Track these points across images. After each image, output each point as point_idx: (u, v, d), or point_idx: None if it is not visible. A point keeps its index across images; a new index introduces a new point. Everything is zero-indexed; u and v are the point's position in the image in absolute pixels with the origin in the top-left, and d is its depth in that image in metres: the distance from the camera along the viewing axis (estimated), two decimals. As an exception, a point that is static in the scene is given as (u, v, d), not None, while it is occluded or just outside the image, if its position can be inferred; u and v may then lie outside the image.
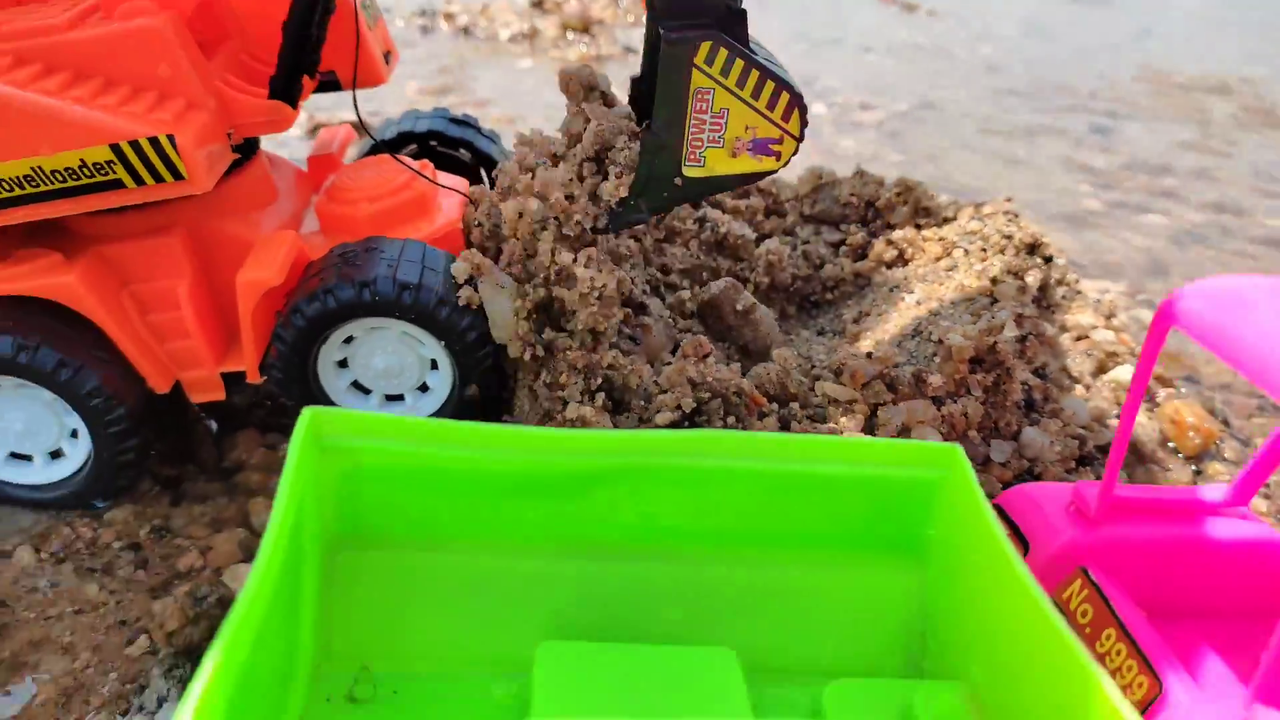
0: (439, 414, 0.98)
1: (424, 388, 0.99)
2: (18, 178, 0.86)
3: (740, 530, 0.72)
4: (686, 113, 0.86)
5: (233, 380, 1.02)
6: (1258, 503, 1.13)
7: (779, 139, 0.88)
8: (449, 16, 3.15)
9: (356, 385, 1.00)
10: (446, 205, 1.10)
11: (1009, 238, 1.19)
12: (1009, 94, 2.78)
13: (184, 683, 0.79)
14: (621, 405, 0.96)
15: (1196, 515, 0.71)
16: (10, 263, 0.93)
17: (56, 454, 0.99)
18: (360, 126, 1.17)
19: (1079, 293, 1.37)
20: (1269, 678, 0.53)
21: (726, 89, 0.85)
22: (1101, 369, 1.30)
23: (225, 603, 0.83)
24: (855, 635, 0.72)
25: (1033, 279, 1.16)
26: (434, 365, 0.98)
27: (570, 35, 3.02)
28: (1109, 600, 0.65)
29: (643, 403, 0.96)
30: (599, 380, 0.93)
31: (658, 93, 0.86)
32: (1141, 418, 1.22)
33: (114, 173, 0.87)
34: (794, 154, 0.90)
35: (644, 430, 0.70)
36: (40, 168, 0.86)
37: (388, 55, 1.18)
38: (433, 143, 1.27)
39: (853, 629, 0.72)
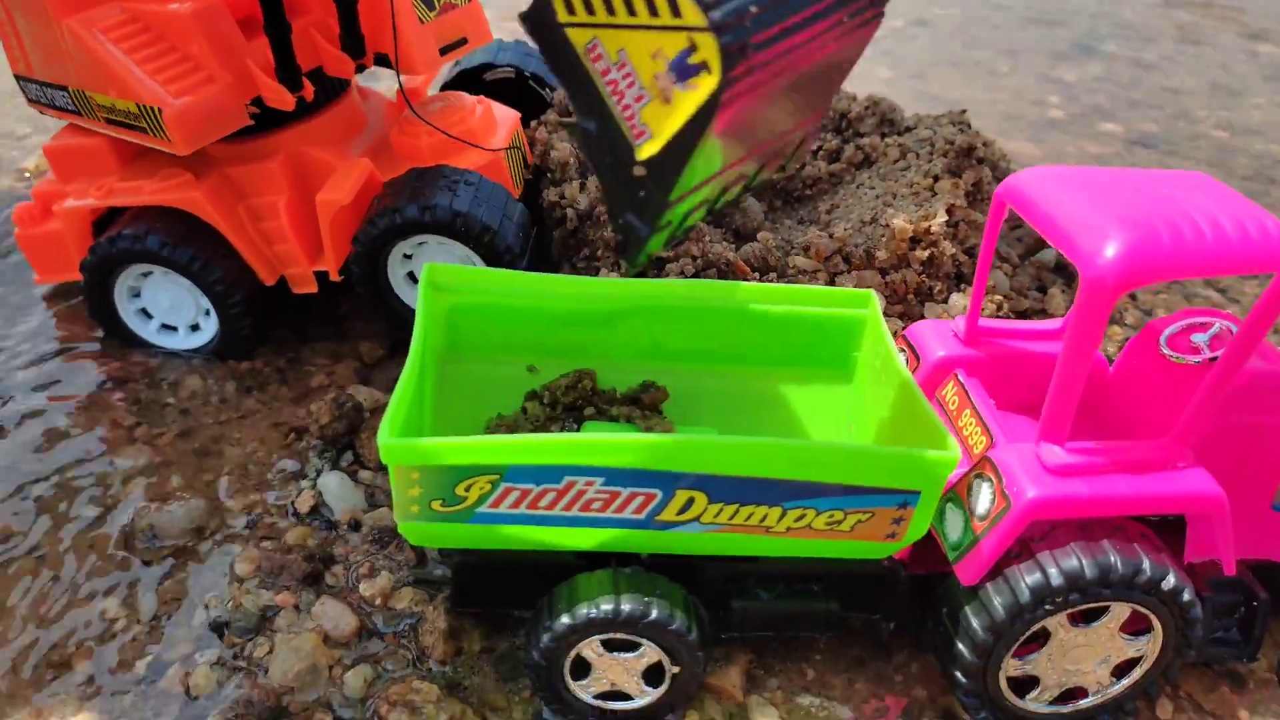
0: None
1: None
2: (108, 105, 1.13)
3: (722, 351, 1.04)
4: (599, 88, 0.64)
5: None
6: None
7: (691, 45, 0.59)
8: None
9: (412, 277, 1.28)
10: (495, 138, 1.34)
11: (951, 143, 1.47)
12: (1001, 10, 2.99)
13: (333, 462, 1.13)
14: (640, 273, 1.26)
15: (1040, 339, 1.02)
16: (157, 179, 1.21)
17: (195, 327, 1.29)
18: (403, 95, 1.30)
19: (1019, 191, 1.66)
20: (1049, 422, 0.84)
21: (607, 26, 0.62)
22: (1030, 253, 1.59)
23: (358, 407, 1.16)
24: (802, 428, 1.04)
25: (968, 176, 1.44)
26: None
27: None
28: (968, 390, 0.96)
29: (655, 271, 1.27)
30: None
31: (559, 81, 0.66)
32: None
33: (139, 123, 1.13)
34: (723, 57, 0.59)
35: (654, 279, 1.01)
36: (115, 105, 1.13)
37: (459, 43, 1.33)
38: (485, 76, 1.55)
39: (801, 423, 1.04)
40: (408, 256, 1.26)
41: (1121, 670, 0.90)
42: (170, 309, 1.27)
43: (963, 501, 0.88)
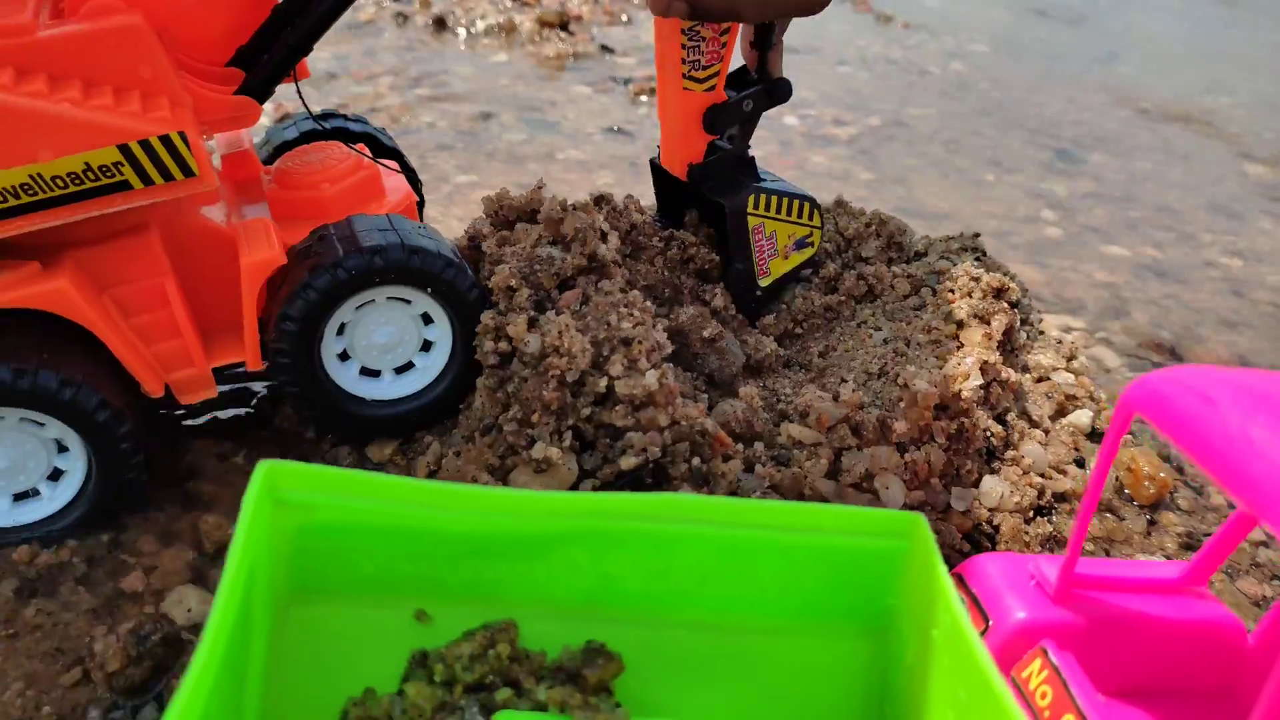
0: (448, 367, 1.04)
1: (426, 346, 1.04)
2: (13, 187, 0.82)
3: (699, 594, 0.71)
4: (751, 247, 1.21)
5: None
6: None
7: (809, 233, 1.25)
8: (425, 4, 3.10)
9: (364, 371, 1.04)
10: (390, 183, 1.16)
11: (976, 279, 1.19)
12: (979, 115, 2.80)
13: (125, 724, 0.77)
14: (587, 443, 0.95)
15: (1154, 594, 0.72)
16: None
17: (27, 494, 0.95)
18: (315, 118, 1.22)
19: (1042, 333, 1.38)
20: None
21: (770, 218, 1.21)
22: (1061, 412, 1.31)
23: (169, 640, 0.80)
24: (813, 705, 0.71)
25: (998, 323, 1.16)
26: (428, 320, 1.02)
27: (547, 32, 2.98)
28: (1068, 683, 0.65)
29: (608, 440, 0.94)
30: (569, 422, 0.91)
31: (730, 240, 1.20)
32: (1098, 464, 1.23)
33: (121, 174, 0.84)
34: (823, 237, 1.28)
35: (603, 493, 0.68)
36: (40, 175, 0.82)
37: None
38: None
39: (811, 698, 0.72)
40: (339, 334, 1.00)
41: None
42: (9, 470, 0.92)
43: None
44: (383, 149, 1.29)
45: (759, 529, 0.71)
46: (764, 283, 1.24)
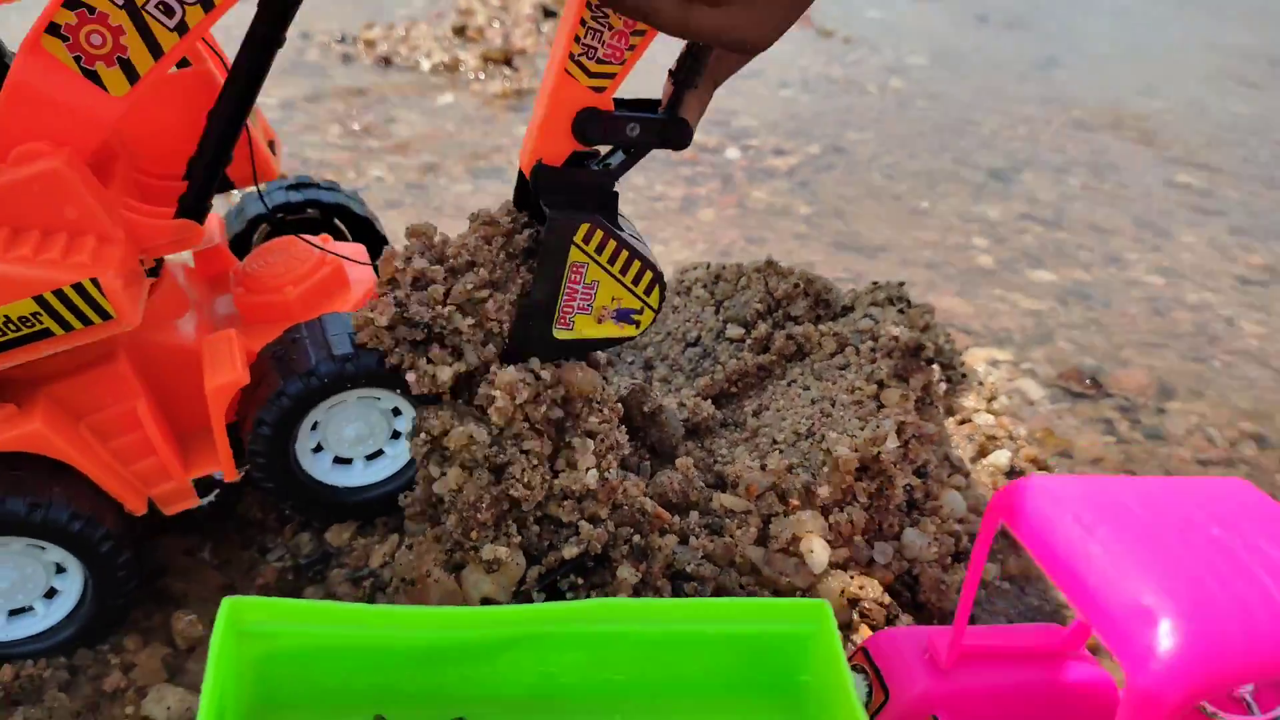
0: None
1: (395, 435, 1.11)
2: None
3: (633, 684, 0.79)
4: (562, 283, 0.96)
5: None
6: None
7: (639, 310, 0.99)
8: (369, 44, 3.14)
9: (338, 460, 1.10)
10: (356, 273, 1.19)
11: (896, 339, 1.28)
12: (916, 136, 2.89)
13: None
14: (532, 533, 1.01)
15: (1037, 659, 0.80)
16: None
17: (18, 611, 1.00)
18: (270, 218, 1.26)
19: (964, 375, 1.47)
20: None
21: (599, 265, 0.95)
22: (982, 453, 1.40)
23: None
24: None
25: (916, 382, 1.25)
26: (397, 412, 1.09)
27: (491, 67, 3.04)
28: (955, 752, 0.74)
29: (553, 528, 1.02)
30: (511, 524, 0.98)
31: (539, 262, 0.95)
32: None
33: (40, 323, 0.88)
34: (651, 323, 1.01)
35: (542, 604, 0.76)
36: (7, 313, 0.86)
37: (272, 144, 1.22)
38: (279, 214, 1.33)
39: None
40: (313, 429, 1.07)
41: None
42: (11, 590, 0.98)
43: None
44: (355, 218, 1.34)
45: (683, 624, 0.79)
46: (560, 334, 0.99)
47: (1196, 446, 1.62)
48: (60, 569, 0.98)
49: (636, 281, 0.98)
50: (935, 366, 1.30)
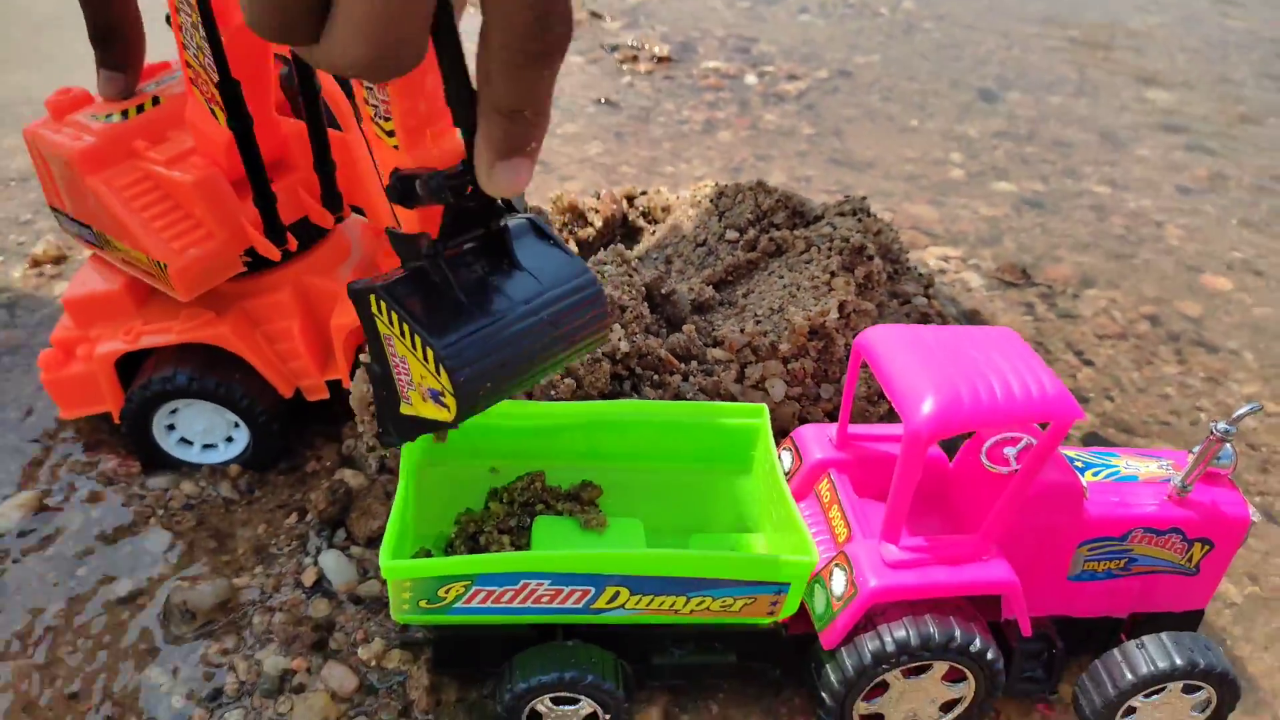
0: None
1: None
2: (126, 250, 1.30)
3: (646, 453, 1.30)
4: (385, 356, 0.86)
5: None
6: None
7: (441, 392, 0.83)
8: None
9: None
10: None
11: (846, 240, 1.74)
12: (918, 58, 3.26)
13: (329, 541, 1.37)
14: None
15: (891, 441, 1.29)
16: (182, 320, 1.38)
17: (230, 439, 1.48)
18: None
19: (910, 268, 1.93)
20: (887, 525, 1.11)
21: (397, 339, 0.83)
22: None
23: (350, 492, 1.40)
24: (709, 510, 1.30)
25: (859, 272, 1.71)
26: None
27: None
28: (836, 488, 1.23)
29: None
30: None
31: (366, 334, 0.87)
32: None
33: (153, 272, 1.31)
34: (457, 412, 0.83)
35: (591, 402, 1.27)
36: (130, 252, 1.30)
37: None
38: None
39: (708, 506, 1.31)
40: None
41: (948, 706, 1.19)
42: (205, 431, 1.47)
43: (826, 584, 1.15)
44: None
45: (678, 416, 1.29)
46: (404, 410, 0.89)
47: (1099, 324, 2.06)
48: (236, 424, 1.47)
49: (425, 359, 0.81)
50: (876, 260, 1.76)
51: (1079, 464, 1.25)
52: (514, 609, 1.08)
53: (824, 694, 1.14)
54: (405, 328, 0.81)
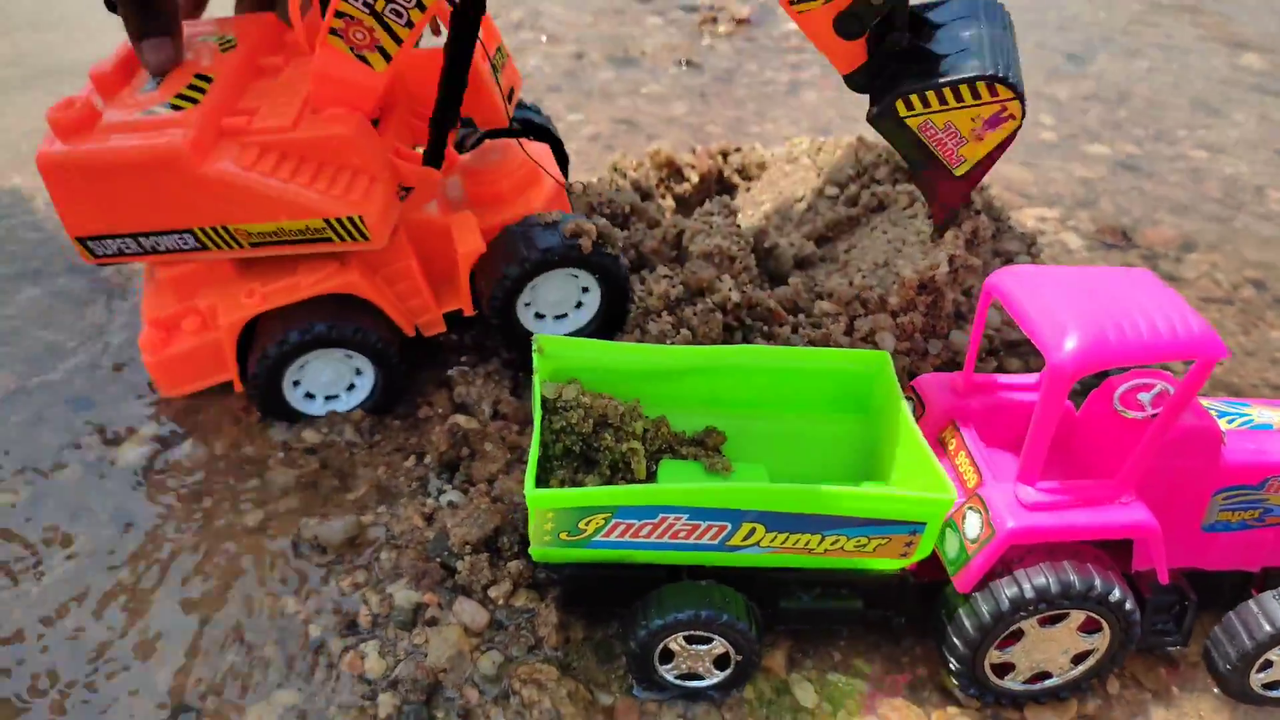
0: (591, 322, 1.53)
1: (579, 305, 1.54)
2: (267, 232, 1.29)
3: (764, 400, 1.29)
4: (927, 146, 1.19)
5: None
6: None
7: (1000, 109, 1.15)
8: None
9: (537, 315, 1.54)
10: (544, 172, 1.58)
11: (954, 197, 1.71)
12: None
13: (450, 481, 1.39)
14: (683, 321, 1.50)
15: (1023, 389, 1.28)
16: (306, 273, 1.37)
17: (351, 388, 1.49)
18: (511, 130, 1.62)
19: (1010, 227, 1.90)
20: (1024, 467, 1.10)
21: (938, 113, 1.15)
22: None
23: (467, 435, 1.41)
24: (832, 457, 1.30)
25: (966, 227, 1.69)
26: (585, 290, 1.52)
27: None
28: (963, 436, 1.22)
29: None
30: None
31: (899, 149, 1.22)
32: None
33: (326, 234, 1.30)
34: (1023, 111, 1.17)
35: (712, 346, 1.27)
36: (283, 228, 1.29)
37: (511, 92, 1.59)
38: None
39: (831, 453, 1.30)
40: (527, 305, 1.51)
41: (1079, 658, 1.18)
42: (330, 383, 1.46)
43: (959, 527, 1.14)
44: (537, 127, 1.75)
45: (798, 362, 1.28)
46: (959, 172, 1.20)
47: (1203, 288, 2.02)
48: (358, 372, 1.46)
49: (976, 96, 1.12)
50: (983, 217, 1.73)
51: (1213, 413, 1.23)
52: (651, 543, 1.09)
53: (956, 640, 1.14)
54: (946, 93, 1.13)
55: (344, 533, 1.29)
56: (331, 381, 1.47)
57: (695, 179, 2.00)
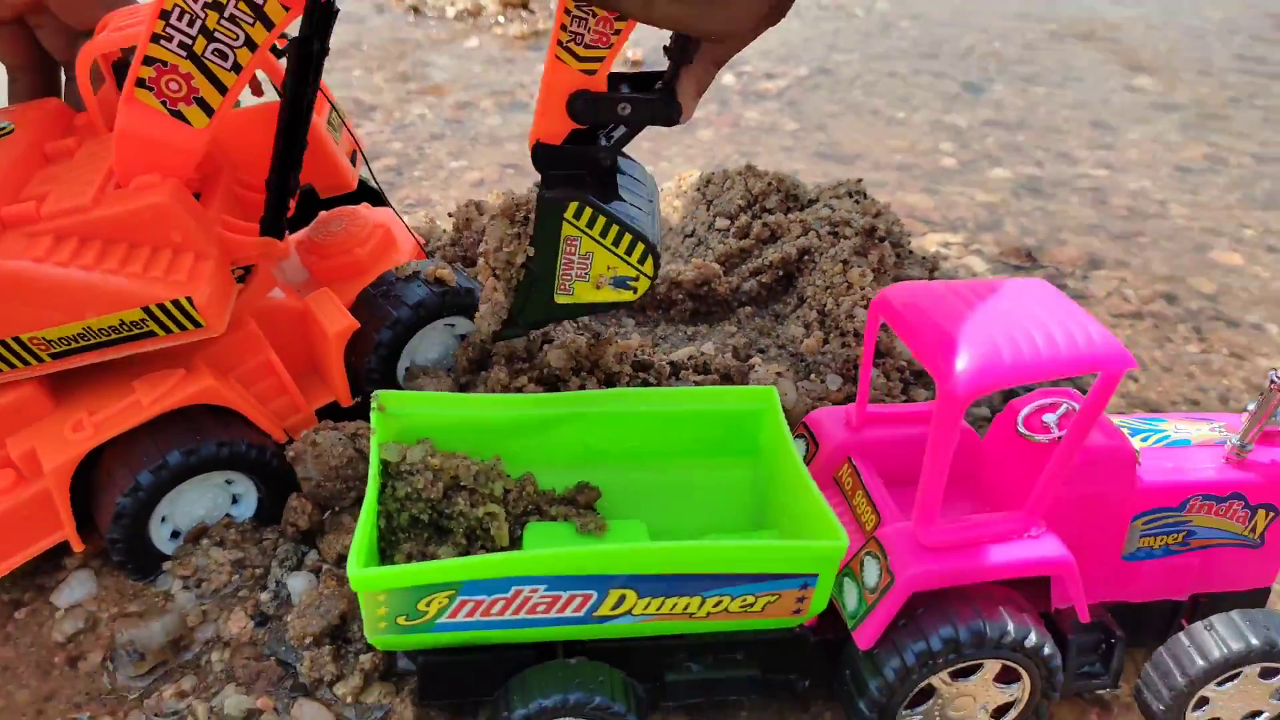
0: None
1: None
2: (74, 335, 1.07)
3: (645, 448, 1.17)
4: (558, 254, 1.10)
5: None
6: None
7: (635, 277, 1.12)
8: (399, -8, 3.46)
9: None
10: (397, 234, 1.44)
11: (849, 223, 1.62)
12: (897, 55, 3.18)
13: (299, 562, 1.23)
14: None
15: (916, 420, 1.17)
16: (148, 387, 1.14)
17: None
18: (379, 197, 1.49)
19: (912, 253, 1.82)
20: (922, 505, 0.98)
21: (591, 238, 1.08)
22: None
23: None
24: (722, 507, 1.17)
25: (872, 256, 1.59)
26: (464, 339, 1.38)
27: (510, 12, 3.35)
28: (859, 473, 1.11)
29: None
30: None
31: (535, 234, 1.10)
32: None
33: (148, 327, 1.09)
34: (648, 289, 1.14)
35: (581, 391, 1.13)
36: (90, 327, 1.07)
37: (354, 156, 1.45)
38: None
39: (721, 503, 1.17)
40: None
41: (1000, 712, 1.05)
42: (208, 513, 1.22)
43: (857, 576, 1.02)
44: (368, 189, 1.55)
45: (677, 404, 1.16)
46: (560, 300, 1.14)
47: (1113, 305, 1.96)
48: (235, 500, 1.22)
49: (629, 252, 1.09)
50: (886, 244, 1.65)
51: (1125, 430, 1.13)
52: (507, 622, 0.94)
53: (861, 704, 1.01)
54: (613, 227, 1.07)
55: (164, 635, 1.12)
56: (208, 513, 1.22)
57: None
